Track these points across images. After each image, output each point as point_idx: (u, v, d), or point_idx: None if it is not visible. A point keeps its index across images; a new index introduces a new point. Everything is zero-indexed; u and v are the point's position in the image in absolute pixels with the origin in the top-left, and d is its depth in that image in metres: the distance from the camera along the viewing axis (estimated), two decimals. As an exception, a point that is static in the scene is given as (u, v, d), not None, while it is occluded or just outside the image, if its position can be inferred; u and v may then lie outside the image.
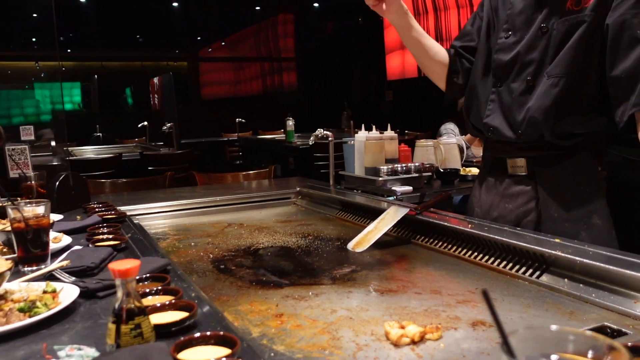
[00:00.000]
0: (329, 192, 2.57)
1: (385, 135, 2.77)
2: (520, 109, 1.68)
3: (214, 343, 0.91)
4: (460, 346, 1.05)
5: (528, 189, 1.75)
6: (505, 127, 1.72)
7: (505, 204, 1.81)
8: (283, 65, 12.32)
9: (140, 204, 2.45)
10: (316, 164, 5.56)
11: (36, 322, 1.06)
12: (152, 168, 5.15)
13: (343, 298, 1.35)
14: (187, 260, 1.74)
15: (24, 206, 1.47)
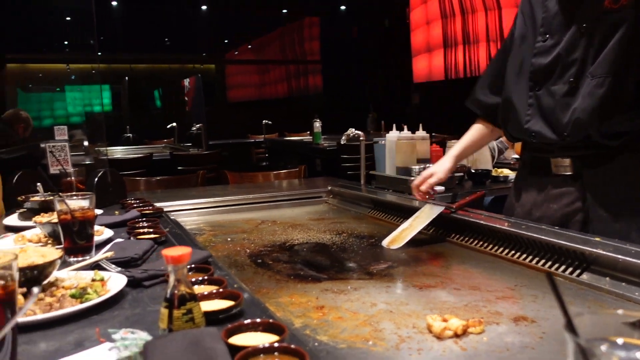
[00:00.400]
0: (360, 191, 2.58)
1: (417, 135, 2.76)
2: (564, 111, 1.64)
3: (262, 330, 0.93)
4: (504, 340, 1.06)
5: (573, 189, 1.70)
6: (547, 130, 1.68)
7: (550, 204, 1.76)
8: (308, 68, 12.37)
9: (174, 200, 2.49)
10: (343, 165, 5.57)
11: (88, 307, 1.09)
12: (181, 168, 5.23)
13: (382, 292, 1.36)
14: (225, 254, 1.77)
15: (70, 199, 1.52)
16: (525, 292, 1.33)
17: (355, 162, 5.48)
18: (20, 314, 0.62)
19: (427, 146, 2.78)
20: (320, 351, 1.02)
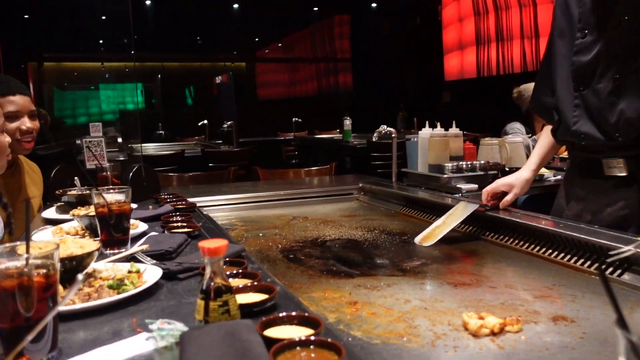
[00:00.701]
0: (392, 188, 2.56)
1: (450, 132, 2.73)
2: (611, 110, 1.56)
3: (297, 323, 0.93)
4: (542, 339, 1.03)
5: (629, 190, 1.61)
6: (596, 132, 1.61)
7: (603, 206, 1.67)
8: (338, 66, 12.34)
9: (206, 196, 2.52)
10: (373, 163, 5.54)
11: (125, 298, 1.11)
12: (212, 164, 5.28)
13: (416, 289, 1.34)
14: (257, 249, 1.78)
15: (107, 193, 1.54)
16: (563, 291, 1.30)
17: (385, 160, 5.46)
18: (66, 300, 0.63)
19: (461, 143, 2.75)
20: (354, 346, 1.02)
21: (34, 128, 2.10)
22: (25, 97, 2.08)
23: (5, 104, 2.01)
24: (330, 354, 0.81)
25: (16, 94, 2.04)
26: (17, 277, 0.83)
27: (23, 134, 2.06)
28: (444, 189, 2.50)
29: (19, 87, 2.07)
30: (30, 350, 0.85)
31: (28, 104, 2.08)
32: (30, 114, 2.09)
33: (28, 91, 2.12)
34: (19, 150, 2.09)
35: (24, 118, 2.06)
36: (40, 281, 0.85)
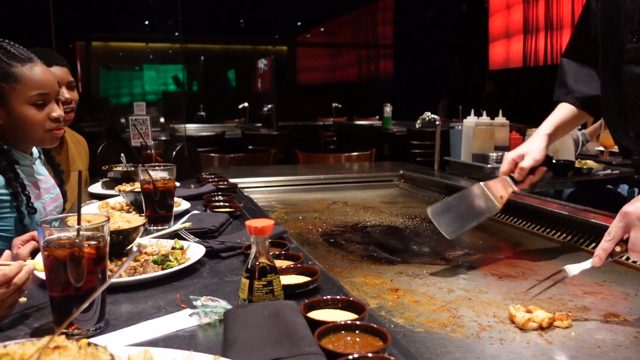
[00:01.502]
0: (434, 176, 2.52)
1: (496, 121, 2.66)
2: None
3: (341, 307, 0.92)
4: (593, 336, 0.99)
5: None
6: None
7: None
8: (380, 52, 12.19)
9: (247, 177, 2.53)
10: (413, 151, 5.47)
11: (169, 274, 1.12)
12: (252, 147, 5.31)
13: (459, 279, 1.32)
14: (298, 232, 1.77)
15: (153, 170, 1.56)
16: (615, 288, 1.25)
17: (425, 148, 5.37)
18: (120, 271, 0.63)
19: (506, 133, 2.68)
20: (396, 333, 1.00)
21: (72, 99, 2.11)
22: (62, 69, 2.08)
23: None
24: (375, 339, 0.80)
25: (53, 65, 2.03)
26: (69, 247, 0.84)
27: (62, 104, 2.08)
28: (488, 178, 2.43)
29: (56, 58, 2.07)
30: (79, 320, 0.86)
31: (66, 75, 2.09)
32: (68, 85, 2.10)
33: (65, 62, 2.12)
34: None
35: (62, 89, 2.06)
36: (91, 252, 0.86)
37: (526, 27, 7.77)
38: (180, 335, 0.87)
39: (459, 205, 1.41)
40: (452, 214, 1.38)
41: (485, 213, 1.40)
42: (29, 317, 0.93)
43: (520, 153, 1.49)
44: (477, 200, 1.41)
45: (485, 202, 1.40)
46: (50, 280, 0.87)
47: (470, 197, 1.43)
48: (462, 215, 1.38)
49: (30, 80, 1.45)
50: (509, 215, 1.90)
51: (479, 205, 1.41)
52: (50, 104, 1.51)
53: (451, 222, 1.36)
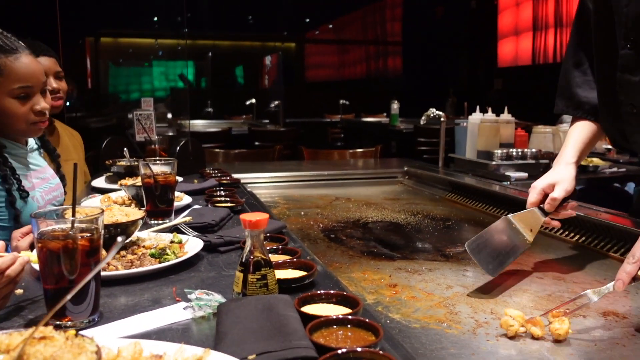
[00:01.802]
0: (438, 173, 2.51)
1: (502, 118, 2.65)
2: None
3: (335, 302, 0.92)
4: (591, 334, 0.99)
5: None
6: None
7: None
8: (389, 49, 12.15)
9: (251, 173, 2.53)
10: (419, 148, 5.45)
11: (166, 267, 1.12)
12: (258, 143, 5.31)
13: (459, 275, 1.31)
14: (298, 227, 1.77)
15: (154, 164, 1.56)
16: (615, 286, 1.24)
17: (432, 145, 5.35)
18: (107, 260, 0.63)
19: (512, 130, 2.66)
20: (392, 329, 0.99)
21: (60, 88, 2.12)
22: (50, 59, 2.10)
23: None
24: (367, 334, 0.79)
25: (40, 55, 2.02)
26: (63, 239, 0.85)
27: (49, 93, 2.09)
28: (492, 176, 2.43)
29: (43, 49, 2.08)
30: (72, 312, 0.86)
31: (53, 65, 2.11)
32: (56, 75, 2.11)
33: (53, 53, 2.14)
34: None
35: (49, 79, 2.07)
36: (85, 245, 0.86)
37: (535, 24, 7.71)
38: (174, 328, 0.86)
39: (492, 241, 1.33)
40: (488, 250, 1.31)
41: (520, 248, 1.32)
42: (23, 309, 0.93)
43: (550, 182, 1.38)
44: (508, 235, 1.32)
45: (517, 236, 1.33)
46: (44, 272, 0.87)
47: (501, 232, 1.34)
48: (497, 251, 1.30)
49: (12, 73, 1.43)
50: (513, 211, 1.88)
51: (510, 240, 1.31)
52: (34, 96, 1.49)
53: (489, 260, 1.28)
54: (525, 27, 7.91)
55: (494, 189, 2.08)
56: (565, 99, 1.58)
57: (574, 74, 1.56)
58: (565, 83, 1.58)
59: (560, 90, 1.60)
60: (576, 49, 1.55)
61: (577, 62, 1.55)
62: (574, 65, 1.56)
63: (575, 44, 1.55)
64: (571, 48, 1.57)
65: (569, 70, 1.57)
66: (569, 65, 1.57)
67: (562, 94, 1.59)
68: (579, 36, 1.54)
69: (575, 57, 1.56)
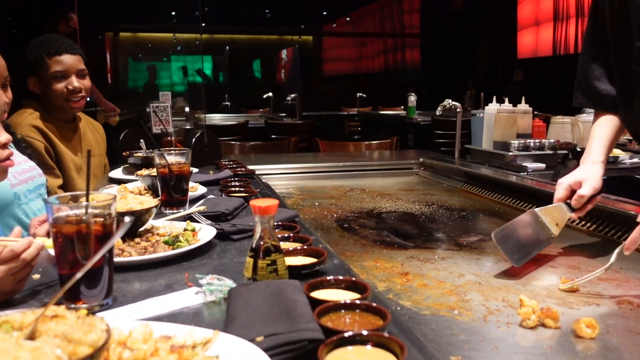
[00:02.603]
0: (454, 164, 2.49)
1: (519, 108, 2.61)
2: None
3: (344, 287, 0.92)
4: (604, 322, 0.97)
5: None
6: None
7: None
8: (406, 42, 12.07)
9: (266, 164, 2.54)
10: (437, 140, 5.42)
11: (179, 254, 1.14)
12: (275, 136, 5.32)
13: (471, 264, 1.30)
14: (312, 217, 1.78)
15: (169, 154, 1.58)
16: (631, 275, 1.23)
17: (449, 138, 5.31)
18: (117, 237, 0.65)
19: (529, 120, 2.63)
20: (402, 315, 1.00)
21: (81, 87, 2.07)
22: (73, 56, 2.06)
23: (52, 64, 2.02)
24: (375, 318, 0.80)
25: (63, 53, 2.03)
26: (76, 224, 0.86)
27: (70, 93, 2.05)
28: (509, 167, 2.40)
29: (66, 46, 2.06)
30: (86, 295, 0.88)
31: (76, 63, 2.06)
32: (78, 73, 2.07)
33: (77, 50, 2.10)
34: (67, 109, 2.08)
35: (71, 77, 2.05)
36: (98, 230, 0.88)
37: (556, 15, 7.59)
38: (185, 312, 0.88)
39: (518, 232, 1.33)
40: (513, 240, 1.31)
41: (544, 241, 1.33)
42: (40, 293, 0.95)
43: (577, 180, 1.38)
44: (534, 227, 1.33)
45: (542, 229, 1.33)
46: (59, 257, 0.89)
47: (527, 224, 1.35)
48: (522, 243, 1.29)
49: None
50: (529, 202, 1.87)
51: (536, 232, 1.32)
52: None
53: (514, 250, 1.28)
54: (546, 17, 7.79)
55: (511, 180, 2.07)
56: (584, 92, 1.57)
57: (592, 66, 1.54)
58: (583, 76, 1.57)
59: (578, 83, 1.59)
60: (593, 42, 1.54)
61: (595, 55, 1.53)
62: (592, 58, 1.54)
63: (591, 37, 1.54)
64: (588, 41, 1.56)
65: (586, 64, 1.56)
66: (586, 59, 1.56)
67: (581, 87, 1.58)
68: (594, 29, 1.52)
69: (592, 50, 1.54)
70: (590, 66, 1.54)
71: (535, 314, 0.95)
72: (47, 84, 2.03)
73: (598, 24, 1.51)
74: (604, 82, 1.52)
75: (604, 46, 1.50)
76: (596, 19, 1.51)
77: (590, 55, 1.54)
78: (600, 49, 1.51)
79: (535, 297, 1.08)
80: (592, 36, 1.54)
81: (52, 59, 2.02)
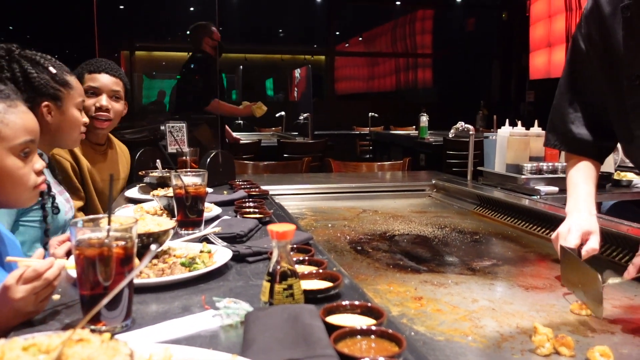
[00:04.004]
0: (466, 186, 2.50)
1: (532, 132, 2.62)
2: None
3: (360, 313, 0.93)
4: (619, 351, 0.98)
5: None
6: None
7: None
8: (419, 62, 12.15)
9: (279, 184, 2.56)
10: (449, 161, 5.42)
11: (196, 276, 1.15)
12: (287, 155, 5.35)
13: (485, 289, 1.31)
14: (325, 239, 1.79)
15: (185, 175, 1.60)
16: (646, 303, 1.22)
17: (461, 158, 5.31)
18: (141, 267, 0.66)
19: (542, 144, 2.63)
20: (416, 341, 1.00)
21: (110, 107, 2.12)
22: (111, 77, 2.12)
23: (88, 80, 2.10)
24: (390, 344, 0.81)
25: (102, 72, 2.11)
26: (98, 247, 0.88)
27: (97, 110, 2.10)
28: (522, 190, 2.41)
29: (107, 66, 2.13)
30: (106, 317, 0.90)
31: (111, 84, 2.12)
32: (111, 94, 2.12)
33: (118, 74, 2.17)
34: (91, 128, 2.08)
35: (102, 96, 2.10)
36: (119, 252, 0.90)
37: (568, 36, 7.61)
38: (203, 335, 0.89)
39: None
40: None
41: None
42: (60, 314, 0.97)
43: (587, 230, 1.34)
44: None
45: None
46: (80, 278, 0.91)
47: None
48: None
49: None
50: (541, 226, 1.87)
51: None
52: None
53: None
54: (558, 39, 7.82)
55: (523, 203, 2.07)
56: (559, 135, 1.57)
57: (568, 110, 1.53)
58: (559, 119, 1.56)
59: (552, 126, 1.59)
60: (570, 87, 1.53)
61: (571, 99, 1.53)
62: (568, 102, 1.53)
63: (568, 81, 1.54)
64: (564, 84, 1.55)
65: (562, 108, 1.55)
66: (562, 102, 1.55)
67: (555, 130, 1.58)
68: (572, 73, 1.52)
69: (568, 94, 1.54)
70: (567, 110, 1.54)
71: (550, 342, 0.96)
72: None
73: (576, 68, 1.50)
74: (579, 126, 1.51)
75: (581, 91, 1.50)
76: (574, 64, 1.51)
77: (567, 99, 1.54)
78: (577, 94, 1.51)
79: (550, 324, 1.08)
80: (569, 80, 1.54)
81: (89, 76, 2.12)
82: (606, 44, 1.37)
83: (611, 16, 1.34)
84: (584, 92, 1.49)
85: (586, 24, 1.43)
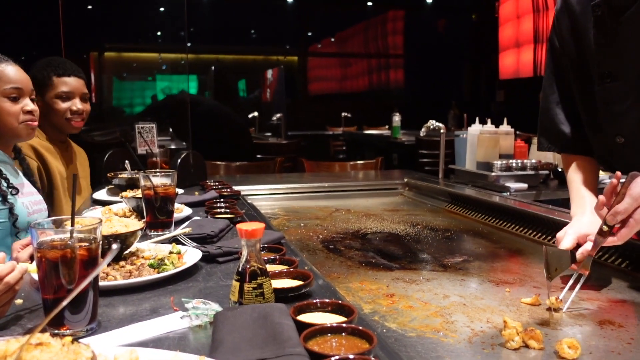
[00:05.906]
0: (438, 184, 2.52)
1: (501, 129, 2.66)
2: None
3: (331, 310, 0.92)
4: (587, 342, 0.99)
5: None
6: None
7: None
8: (390, 62, 12.23)
9: (251, 185, 2.54)
10: (421, 160, 5.47)
11: (164, 277, 1.13)
12: (260, 156, 5.33)
13: (456, 285, 1.31)
14: (298, 238, 1.78)
15: (154, 176, 1.58)
16: (613, 296, 1.24)
17: (434, 157, 5.36)
18: (103, 266, 0.64)
19: (511, 141, 2.68)
20: (388, 337, 1.00)
21: (84, 110, 2.19)
22: (79, 80, 2.18)
23: (59, 84, 2.13)
24: (361, 341, 0.80)
25: (71, 75, 2.15)
26: (61, 249, 0.86)
27: (73, 113, 2.15)
28: (492, 187, 2.44)
29: (74, 69, 2.18)
30: (70, 321, 0.87)
31: (81, 87, 2.19)
32: (82, 97, 2.19)
33: (83, 74, 2.22)
34: (68, 128, 2.18)
35: (76, 99, 2.16)
36: (83, 254, 0.87)
37: (536, 37, 7.75)
38: (170, 337, 0.87)
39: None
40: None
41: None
42: (22, 318, 0.94)
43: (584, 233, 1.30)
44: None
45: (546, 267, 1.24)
46: (43, 282, 0.88)
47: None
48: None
49: (4, 76, 1.63)
50: (511, 222, 1.89)
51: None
52: (24, 99, 1.68)
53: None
54: (526, 39, 7.96)
55: (494, 200, 2.09)
56: (550, 137, 1.55)
57: (556, 111, 1.53)
58: (548, 122, 1.54)
59: (543, 129, 1.57)
60: (555, 85, 1.53)
61: (557, 99, 1.52)
62: (555, 102, 1.53)
63: (551, 80, 1.53)
64: (548, 85, 1.54)
65: (550, 109, 1.54)
66: (548, 103, 1.54)
67: (546, 133, 1.56)
68: (554, 71, 1.52)
69: (553, 94, 1.53)
70: (554, 111, 1.53)
71: (519, 335, 0.97)
72: (50, 103, 2.13)
73: (556, 67, 1.51)
74: (567, 125, 1.50)
75: (565, 88, 1.50)
76: (554, 64, 1.51)
77: (552, 100, 1.53)
78: (562, 92, 1.51)
79: (519, 318, 1.09)
80: (551, 80, 1.53)
81: (59, 80, 2.14)
82: (577, 42, 1.38)
83: (581, 15, 1.36)
84: (568, 88, 1.48)
85: (558, 23, 1.45)
